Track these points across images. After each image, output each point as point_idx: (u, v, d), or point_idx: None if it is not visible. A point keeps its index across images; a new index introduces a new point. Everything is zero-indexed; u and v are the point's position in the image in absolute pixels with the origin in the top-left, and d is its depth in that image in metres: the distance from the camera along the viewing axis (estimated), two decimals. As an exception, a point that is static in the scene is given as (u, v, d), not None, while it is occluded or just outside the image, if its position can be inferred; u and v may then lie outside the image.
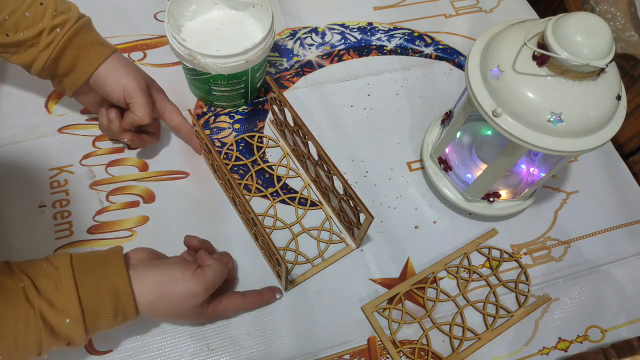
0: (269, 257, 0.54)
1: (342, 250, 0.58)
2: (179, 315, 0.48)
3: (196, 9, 0.62)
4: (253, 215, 0.48)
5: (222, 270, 0.49)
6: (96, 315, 0.43)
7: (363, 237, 0.56)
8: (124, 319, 0.45)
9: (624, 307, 0.58)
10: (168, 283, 0.46)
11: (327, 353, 0.53)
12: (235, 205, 0.58)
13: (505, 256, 0.60)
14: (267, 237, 0.47)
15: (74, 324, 0.42)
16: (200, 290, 0.46)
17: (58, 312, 0.41)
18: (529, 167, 0.61)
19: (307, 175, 0.62)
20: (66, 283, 0.42)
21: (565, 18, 0.43)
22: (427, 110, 0.69)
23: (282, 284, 0.54)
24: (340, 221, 0.60)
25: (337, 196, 0.56)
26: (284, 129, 0.61)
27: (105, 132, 0.59)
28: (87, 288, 0.42)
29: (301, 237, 0.59)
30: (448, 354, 0.54)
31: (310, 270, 0.57)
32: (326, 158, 0.52)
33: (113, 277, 0.44)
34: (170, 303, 0.46)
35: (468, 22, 0.78)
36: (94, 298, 0.43)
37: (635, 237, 0.63)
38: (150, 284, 0.45)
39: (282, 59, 0.71)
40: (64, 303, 0.41)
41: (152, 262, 0.48)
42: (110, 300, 0.43)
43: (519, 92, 0.45)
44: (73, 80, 0.54)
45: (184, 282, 0.46)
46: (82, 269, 0.43)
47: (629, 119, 0.67)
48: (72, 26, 0.51)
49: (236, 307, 0.52)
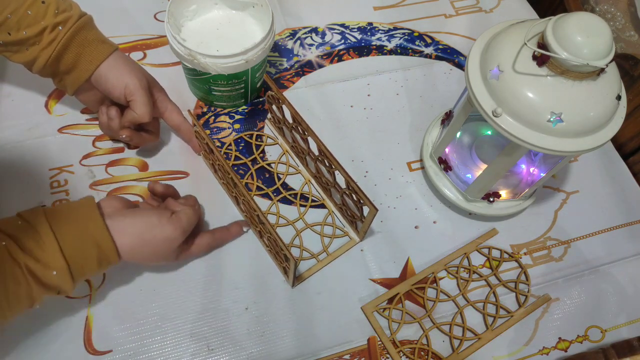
0: (275, 254, 0.54)
1: (346, 244, 0.59)
2: (157, 259, 0.51)
3: (196, 9, 0.62)
4: (259, 213, 0.49)
5: (194, 214, 0.52)
6: (81, 265, 0.45)
7: (367, 230, 0.57)
8: (108, 264, 0.47)
9: (624, 307, 0.58)
10: (147, 230, 0.48)
11: (327, 353, 0.53)
12: (238, 204, 0.58)
13: (505, 256, 0.60)
14: (275, 233, 0.48)
15: (60, 275, 0.43)
16: (178, 234, 0.50)
17: (44, 266, 0.42)
18: (529, 167, 0.61)
19: (308, 172, 0.62)
20: (47, 239, 0.43)
21: (565, 18, 0.43)
22: (427, 110, 0.69)
23: (289, 280, 0.55)
24: (342, 215, 0.60)
25: (339, 190, 0.56)
26: (282, 126, 0.61)
27: (105, 130, 0.59)
28: (69, 243, 0.44)
29: (305, 233, 0.59)
30: (448, 354, 0.54)
31: (316, 265, 0.57)
32: (327, 153, 0.52)
33: (93, 230, 0.45)
34: (150, 248, 0.49)
35: (468, 22, 0.78)
36: (77, 251, 0.44)
37: (635, 237, 0.63)
38: (130, 233, 0.47)
39: (282, 59, 0.71)
40: (48, 258, 0.43)
41: (126, 210, 0.49)
42: (94, 251, 0.45)
43: (519, 92, 0.45)
44: (75, 78, 0.54)
45: (162, 228, 0.49)
46: (59, 224, 0.44)
47: (629, 119, 0.66)
48: (74, 24, 0.51)
49: (208, 244, 0.55)
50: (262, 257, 0.57)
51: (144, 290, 0.54)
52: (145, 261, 0.52)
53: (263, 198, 0.61)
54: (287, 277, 0.54)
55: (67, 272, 0.43)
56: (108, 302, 0.53)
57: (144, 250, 0.49)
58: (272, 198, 0.61)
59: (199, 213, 0.54)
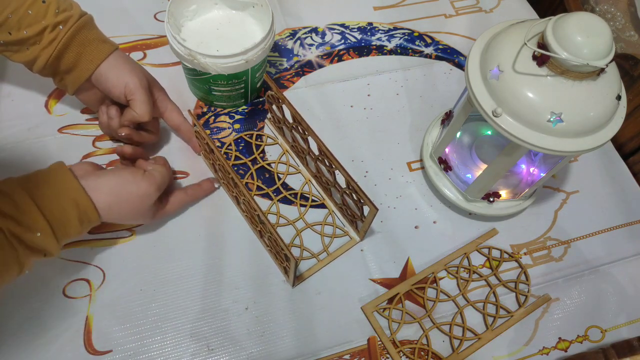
0: (275, 254, 0.54)
1: (347, 243, 0.59)
2: (135, 216, 0.52)
3: (196, 9, 0.62)
4: (259, 212, 0.49)
5: (167, 172, 0.54)
6: (64, 225, 0.45)
7: (367, 230, 0.57)
8: (89, 223, 0.48)
9: (624, 307, 0.58)
10: (122, 187, 0.50)
11: (327, 353, 0.53)
12: (238, 204, 0.58)
13: (505, 256, 0.60)
14: (275, 232, 0.48)
15: (44, 236, 0.44)
16: (153, 190, 0.51)
17: (27, 229, 0.43)
18: (529, 167, 0.61)
19: (308, 171, 0.62)
20: (24, 202, 0.43)
21: (565, 18, 0.43)
22: (427, 110, 0.69)
23: (290, 280, 0.55)
24: (343, 215, 0.60)
25: (340, 190, 0.56)
26: (282, 126, 0.62)
27: (105, 130, 0.59)
28: (47, 205, 0.44)
29: (305, 233, 0.59)
30: (448, 354, 0.54)
31: (316, 265, 0.57)
32: (327, 153, 0.52)
33: (69, 190, 0.46)
34: (127, 204, 0.50)
35: (468, 22, 0.78)
36: (57, 212, 0.45)
37: (635, 237, 0.63)
38: (106, 191, 0.48)
39: (282, 59, 0.71)
40: (29, 220, 0.43)
41: (99, 171, 0.50)
42: (73, 211, 0.46)
43: (519, 92, 0.45)
44: (75, 77, 0.54)
45: (137, 184, 0.50)
46: (34, 189, 0.44)
47: (629, 119, 0.67)
48: (75, 23, 0.51)
49: (181, 201, 0.57)
50: (262, 257, 0.57)
51: (144, 290, 0.54)
52: (123, 220, 0.53)
53: (263, 198, 0.61)
54: (288, 277, 0.54)
55: (50, 232, 0.44)
56: (108, 302, 0.53)
57: (122, 208, 0.50)
58: (272, 198, 0.61)
59: (170, 171, 0.57)
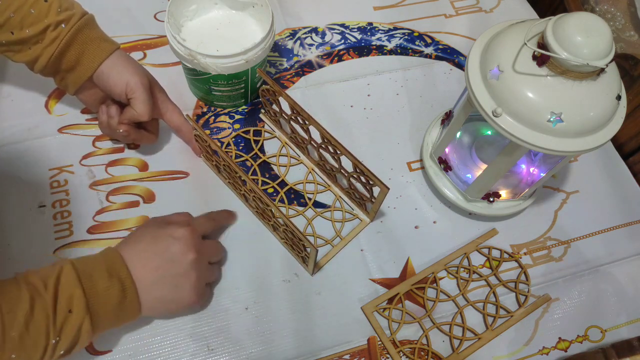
0: (291, 245, 0.55)
1: (358, 226, 0.60)
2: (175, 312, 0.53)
3: (196, 9, 0.62)
4: (272, 207, 0.49)
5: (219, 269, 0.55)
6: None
7: (377, 210, 0.57)
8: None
9: (624, 307, 0.58)
10: (170, 303, 0.49)
11: (327, 353, 0.53)
12: (247, 201, 0.58)
13: (505, 256, 0.60)
14: (291, 224, 0.48)
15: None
16: (196, 301, 0.50)
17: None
18: (529, 167, 0.61)
19: (310, 160, 0.63)
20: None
21: (565, 18, 0.43)
22: (427, 110, 0.69)
23: (309, 268, 0.55)
24: (350, 199, 0.60)
25: (346, 175, 0.56)
26: (279, 118, 0.62)
27: (105, 130, 0.59)
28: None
29: (315, 221, 0.59)
30: (448, 354, 0.54)
31: (331, 250, 0.58)
32: (332, 139, 0.52)
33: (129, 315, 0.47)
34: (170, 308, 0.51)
35: (468, 22, 0.78)
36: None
37: (635, 237, 0.63)
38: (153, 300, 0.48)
39: (282, 59, 0.71)
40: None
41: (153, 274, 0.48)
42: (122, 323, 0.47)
43: (519, 92, 0.45)
44: (77, 76, 0.54)
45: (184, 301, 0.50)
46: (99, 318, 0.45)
47: (629, 119, 0.66)
48: (77, 22, 0.51)
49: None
50: (262, 257, 0.57)
51: (144, 290, 0.54)
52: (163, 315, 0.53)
53: (269, 192, 0.61)
54: (307, 265, 0.55)
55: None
56: (108, 302, 0.53)
57: (162, 309, 0.50)
58: (278, 191, 0.61)
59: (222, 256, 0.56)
